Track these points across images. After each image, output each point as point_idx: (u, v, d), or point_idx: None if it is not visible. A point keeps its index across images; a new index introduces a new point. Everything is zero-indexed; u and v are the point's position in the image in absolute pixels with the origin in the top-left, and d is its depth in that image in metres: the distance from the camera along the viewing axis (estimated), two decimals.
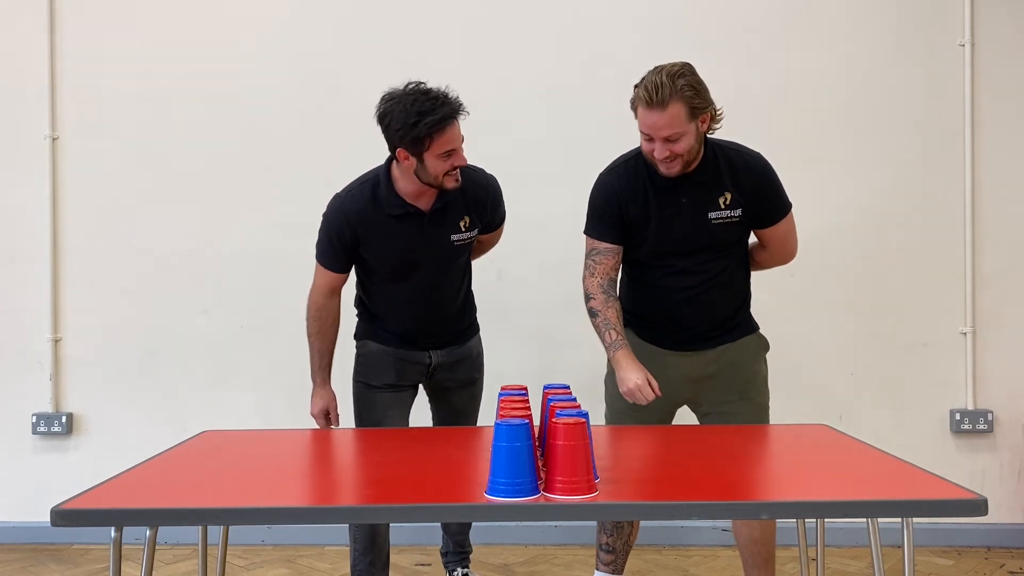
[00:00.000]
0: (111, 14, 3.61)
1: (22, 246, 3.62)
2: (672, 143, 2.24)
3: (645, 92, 2.22)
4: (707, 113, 2.28)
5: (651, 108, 2.21)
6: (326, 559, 3.40)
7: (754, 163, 2.40)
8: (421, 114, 2.32)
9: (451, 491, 1.76)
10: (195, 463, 2.03)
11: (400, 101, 2.36)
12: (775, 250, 2.53)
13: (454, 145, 2.38)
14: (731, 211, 2.37)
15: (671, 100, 2.20)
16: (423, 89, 2.38)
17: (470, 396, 2.76)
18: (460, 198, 2.50)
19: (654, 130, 2.24)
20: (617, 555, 2.57)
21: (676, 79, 2.21)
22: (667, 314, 2.47)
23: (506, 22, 3.56)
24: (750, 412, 2.45)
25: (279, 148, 3.58)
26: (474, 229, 2.57)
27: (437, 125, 2.32)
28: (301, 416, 2.91)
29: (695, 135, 2.27)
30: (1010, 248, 3.46)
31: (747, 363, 2.49)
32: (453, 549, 2.91)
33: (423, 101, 2.33)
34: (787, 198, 2.44)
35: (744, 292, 2.54)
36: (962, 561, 3.32)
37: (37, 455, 3.62)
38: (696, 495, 1.69)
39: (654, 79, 2.22)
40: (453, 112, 2.36)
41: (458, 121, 2.39)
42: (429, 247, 2.50)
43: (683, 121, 2.22)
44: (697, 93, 2.24)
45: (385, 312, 2.59)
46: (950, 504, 1.63)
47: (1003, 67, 3.45)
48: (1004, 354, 3.46)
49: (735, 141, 2.43)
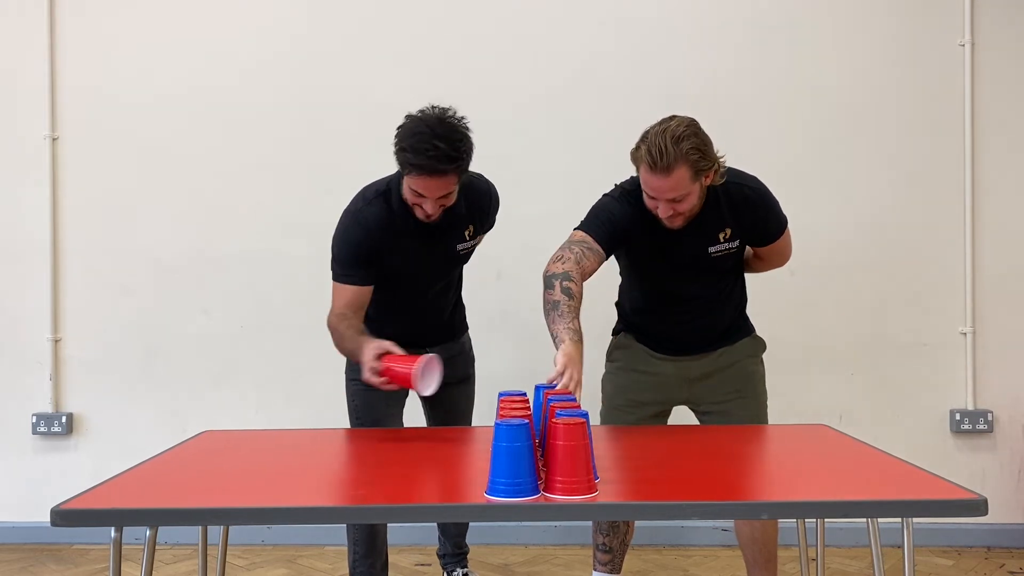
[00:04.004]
0: (111, 14, 3.61)
1: (22, 246, 3.62)
2: (677, 203, 2.22)
3: (649, 157, 2.15)
4: (711, 171, 2.23)
5: (655, 173, 2.16)
6: (326, 559, 3.40)
7: (753, 196, 2.37)
8: (403, 149, 2.24)
9: (451, 491, 1.76)
10: (195, 463, 2.03)
11: (408, 123, 2.28)
12: (771, 259, 2.56)
13: (422, 192, 2.27)
14: (730, 243, 2.38)
15: (676, 165, 2.14)
16: (432, 124, 2.24)
17: (465, 396, 2.76)
18: (465, 207, 2.48)
19: (658, 192, 2.21)
20: (614, 554, 2.57)
21: (681, 143, 2.14)
22: (666, 332, 2.50)
23: (506, 22, 3.55)
24: (749, 410, 2.47)
25: (280, 148, 3.58)
26: (477, 236, 2.57)
27: (408, 167, 2.26)
28: (301, 416, 2.92)
29: (699, 192, 2.26)
30: (1010, 248, 3.46)
31: (744, 363, 2.51)
32: (451, 551, 2.91)
33: (418, 137, 2.22)
34: (783, 217, 2.44)
35: (741, 301, 2.56)
36: (962, 561, 3.32)
37: (37, 455, 3.62)
38: (696, 495, 1.69)
39: (658, 143, 2.13)
40: (430, 169, 2.22)
41: (440, 178, 2.24)
42: (435, 256, 2.50)
43: (688, 183, 2.19)
44: (703, 155, 2.18)
45: (381, 315, 2.59)
46: (950, 504, 1.63)
47: (1003, 67, 3.45)
48: (1004, 354, 3.46)
49: (731, 168, 2.35)
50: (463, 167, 2.28)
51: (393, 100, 3.52)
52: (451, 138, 2.23)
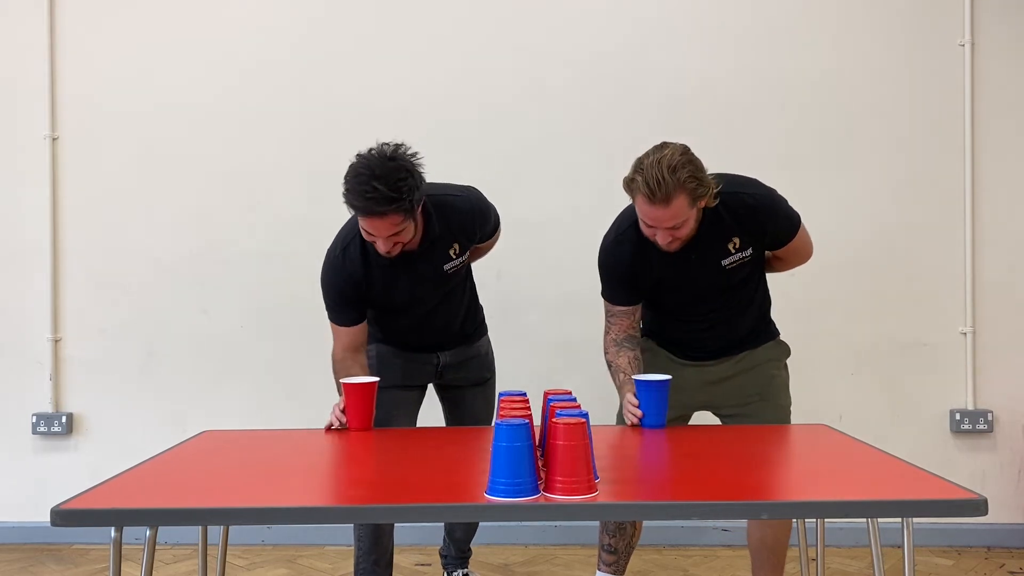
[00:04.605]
0: (111, 14, 3.61)
1: (22, 246, 3.62)
2: (675, 230, 2.23)
3: (647, 188, 2.14)
4: (707, 195, 2.23)
5: (654, 204, 2.16)
6: (326, 559, 3.40)
7: (756, 203, 2.34)
8: (346, 191, 2.24)
9: (451, 491, 1.76)
10: (195, 463, 2.03)
11: (354, 162, 2.27)
12: (790, 259, 2.54)
13: (370, 232, 2.28)
14: (742, 252, 2.36)
15: (674, 195, 2.14)
16: (374, 164, 2.22)
17: (484, 399, 2.75)
18: (446, 230, 2.47)
19: (657, 222, 2.21)
20: (619, 556, 2.57)
21: (677, 172, 2.13)
22: (689, 339, 2.50)
23: (505, 21, 3.55)
24: (771, 413, 2.46)
25: (280, 147, 3.58)
26: (465, 251, 2.55)
27: (350, 208, 2.27)
28: (301, 416, 2.92)
29: (696, 216, 2.26)
30: (1010, 248, 3.46)
31: (766, 367, 2.50)
32: (454, 554, 2.92)
33: (359, 179, 2.21)
34: (795, 215, 2.42)
35: (764, 304, 2.55)
36: (962, 561, 3.32)
37: (37, 455, 3.62)
38: (696, 495, 1.69)
39: (655, 174, 2.12)
40: (367, 211, 2.22)
41: (382, 219, 2.23)
42: (425, 282, 2.49)
43: (686, 211, 2.19)
44: (699, 182, 2.18)
45: (392, 333, 2.61)
46: (950, 504, 1.63)
47: (1003, 67, 3.45)
48: (1004, 354, 3.46)
49: (728, 174, 2.35)
50: (404, 207, 2.23)
51: (392, 101, 3.57)
52: (391, 178, 2.20)
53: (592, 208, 3.01)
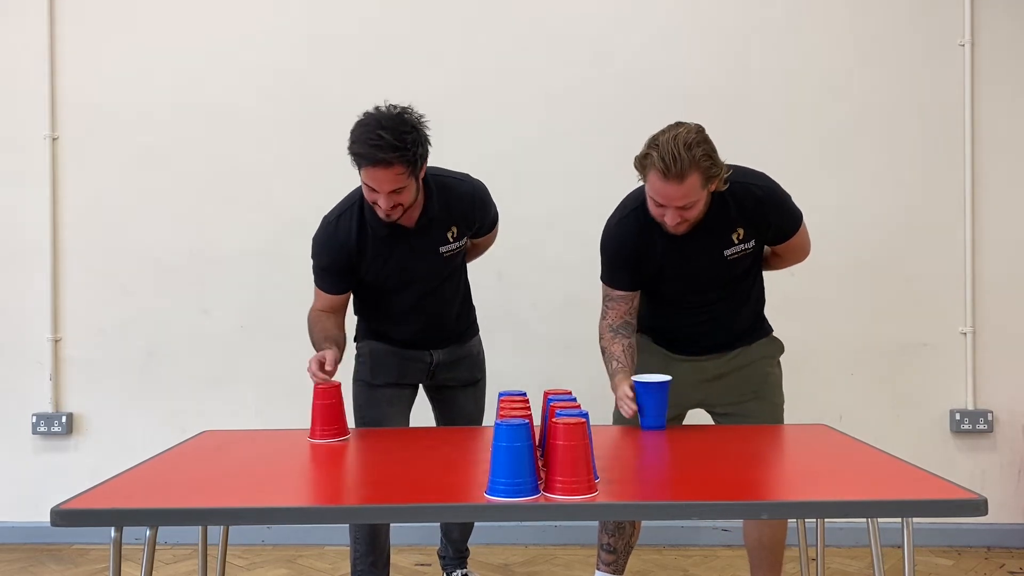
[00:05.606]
0: (111, 14, 3.61)
1: (22, 246, 3.62)
2: (685, 210, 2.22)
3: (662, 163, 2.12)
4: (719, 177, 2.22)
5: (668, 180, 2.14)
6: (326, 559, 3.40)
7: (762, 195, 2.34)
8: (352, 141, 2.26)
9: (451, 491, 1.76)
10: (195, 463, 2.03)
11: (359, 119, 2.30)
12: (789, 256, 2.54)
13: (373, 186, 2.28)
14: (745, 244, 2.36)
15: (689, 172, 2.13)
16: (380, 117, 2.26)
17: (474, 399, 2.75)
18: (445, 211, 2.47)
19: (669, 200, 2.19)
20: (618, 555, 2.57)
21: (692, 149, 2.12)
22: (685, 333, 2.50)
23: (506, 21, 3.56)
24: (766, 411, 2.46)
25: (279, 147, 3.58)
26: (462, 238, 2.56)
27: (354, 157, 2.28)
28: (301, 416, 2.91)
29: (706, 198, 2.25)
30: (1010, 248, 3.46)
31: (760, 364, 2.50)
32: (452, 554, 2.92)
33: (364, 128, 2.25)
34: (798, 211, 2.42)
35: (759, 301, 2.55)
36: (962, 561, 3.32)
37: (37, 455, 3.62)
38: (696, 495, 1.69)
39: (671, 149, 2.11)
40: (372, 160, 2.22)
41: (386, 169, 2.23)
42: (420, 262, 2.49)
43: (698, 190, 2.18)
44: (713, 161, 2.17)
45: (384, 321, 2.60)
46: (950, 504, 1.63)
47: (1003, 67, 3.45)
48: (1004, 354, 3.46)
49: (737, 165, 2.34)
50: (408, 158, 2.24)
51: (392, 101, 3.55)
52: (397, 129, 2.23)
53: (592, 208, 3.00)
